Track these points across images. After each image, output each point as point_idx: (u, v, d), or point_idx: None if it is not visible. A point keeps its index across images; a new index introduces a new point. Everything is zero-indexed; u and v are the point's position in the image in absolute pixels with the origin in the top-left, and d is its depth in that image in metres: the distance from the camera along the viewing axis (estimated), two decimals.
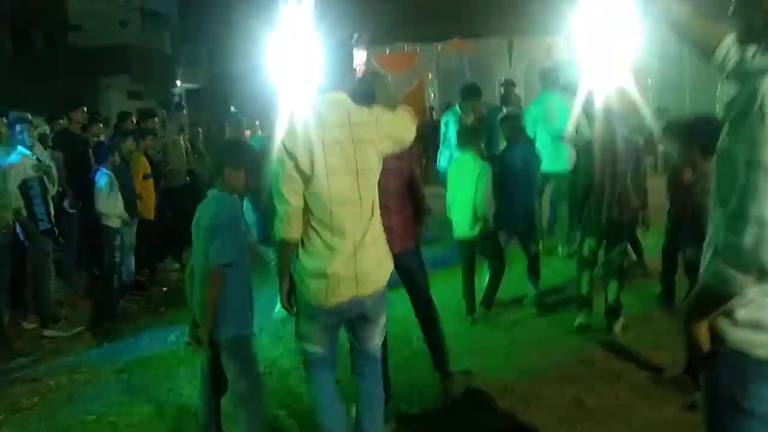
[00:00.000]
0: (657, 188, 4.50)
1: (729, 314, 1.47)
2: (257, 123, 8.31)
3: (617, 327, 4.24)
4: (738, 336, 1.46)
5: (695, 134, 3.06)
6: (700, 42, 1.61)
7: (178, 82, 19.17)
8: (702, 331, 1.50)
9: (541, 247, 5.22)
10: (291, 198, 2.41)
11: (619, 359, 3.87)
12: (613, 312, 4.26)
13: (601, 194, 4.04)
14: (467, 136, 4.62)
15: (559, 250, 6.00)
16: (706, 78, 11.39)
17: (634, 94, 4.27)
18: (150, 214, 6.10)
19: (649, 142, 9.88)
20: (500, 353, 4.04)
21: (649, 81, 11.36)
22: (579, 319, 4.33)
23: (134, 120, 7.02)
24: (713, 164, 1.53)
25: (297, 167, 2.37)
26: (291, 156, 2.37)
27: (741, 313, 1.45)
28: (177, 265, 6.64)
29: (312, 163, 2.35)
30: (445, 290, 5.14)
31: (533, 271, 4.79)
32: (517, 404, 3.34)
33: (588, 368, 3.74)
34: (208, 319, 2.61)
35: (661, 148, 11.21)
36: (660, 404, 3.27)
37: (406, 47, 13.37)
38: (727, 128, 1.45)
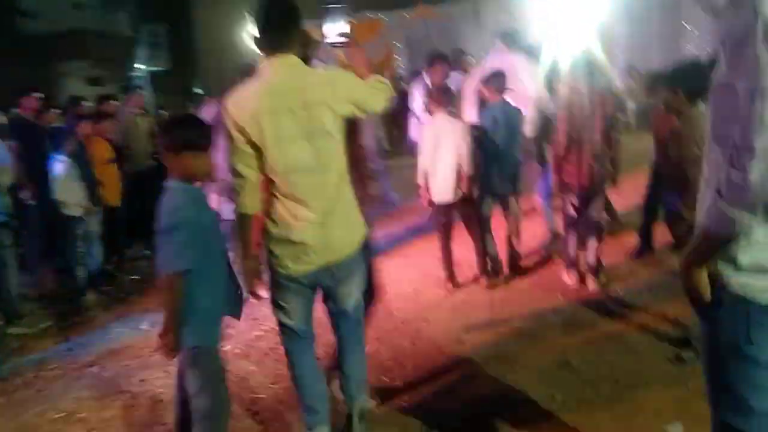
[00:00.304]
0: (628, 145, 4.46)
1: (731, 259, 1.37)
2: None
3: (599, 283, 4.22)
4: (741, 281, 1.37)
5: (681, 79, 2.97)
6: None
7: (141, 65, 18.55)
8: (702, 277, 1.40)
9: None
10: (244, 170, 2.31)
11: (602, 317, 3.83)
12: (593, 269, 4.23)
13: (574, 155, 4.01)
14: (440, 96, 4.46)
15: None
16: (672, 36, 11.39)
17: (601, 54, 4.25)
18: (115, 201, 5.87)
19: (619, 101, 9.93)
20: (482, 318, 3.97)
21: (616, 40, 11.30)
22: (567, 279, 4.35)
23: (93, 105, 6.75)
24: (710, 102, 1.42)
25: (246, 138, 2.26)
26: (238, 127, 2.25)
27: (745, 257, 1.35)
28: (147, 252, 6.43)
29: (261, 132, 2.24)
30: (425, 258, 5.10)
31: (516, 235, 4.70)
32: (502, 369, 3.27)
33: (573, 329, 3.69)
34: (170, 327, 2.25)
35: (631, 105, 11.28)
36: (646, 359, 3.24)
37: (370, 15, 13.08)
38: (724, 61, 1.33)
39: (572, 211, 4.26)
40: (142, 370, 3.74)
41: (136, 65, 18.30)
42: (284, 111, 2.25)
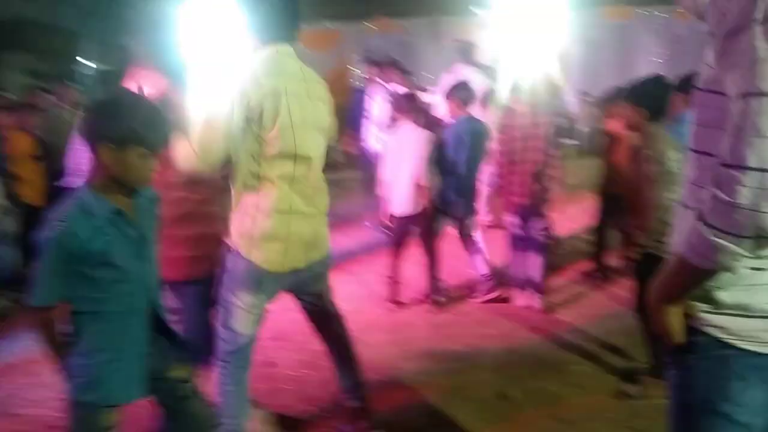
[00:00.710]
0: (579, 169, 4.38)
1: (710, 296, 1.16)
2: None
3: (543, 302, 4.13)
4: (721, 323, 1.15)
5: (642, 96, 2.82)
6: None
7: (88, 61, 17.81)
8: (674, 317, 1.19)
9: None
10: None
11: (547, 344, 3.65)
12: (538, 288, 4.14)
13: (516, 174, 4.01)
14: (405, 104, 4.20)
15: None
16: (625, 63, 11.59)
17: (558, 77, 4.22)
18: (37, 200, 5.41)
19: (571, 125, 10.01)
20: (422, 342, 3.73)
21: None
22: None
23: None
24: (692, 109, 1.21)
25: (258, 119, 2.10)
26: (249, 104, 2.08)
27: (727, 295, 1.14)
28: None
29: (277, 112, 2.12)
30: (369, 275, 4.85)
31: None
32: (439, 398, 3.04)
33: (516, 356, 3.50)
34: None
35: (583, 129, 11.42)
36: (590, 393, 3.06)
37: (328, 26, 12.89)
38: (712, 58, 1.12)
39: (516, 230, 4.16)
40: (36, 389, 3.33)
41: (81, 60, 17.56)
42: (302, 96, 2.21)
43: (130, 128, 1.71)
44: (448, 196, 4.20)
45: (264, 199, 2.19)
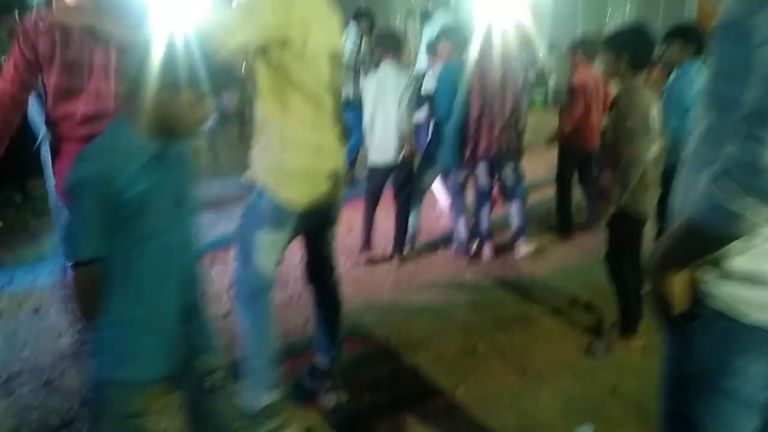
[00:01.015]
0: (546, 123, 4.27)
1: (718, 263, 1.03)
2: None
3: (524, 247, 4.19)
4: (728, 292, 1.04)
5: (624, 45, 2.64)
6: None
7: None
8: (679, 285, 1.06)
9: None
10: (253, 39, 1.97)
11: (514, 298, 3.59)
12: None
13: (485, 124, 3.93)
14: (386, 41, 3.87)
15: None
16: (598, 12, 11.41)
17: (529, 28, 4.04)
18: None
19: (541, 77, 9.85)
20: (386, 295, 3.64)
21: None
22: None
23: None
24: (711, 51, 1.05)
25: (285, 47, 1.98)
26: (278, 35, 1.96)
27: (736, 262, 1.02)
28: (19, 196, 5.62)
29: (305, 44, 2.00)
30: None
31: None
32: (403, 352, 2.96)
33: (483, 310, 3.43)
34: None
35: (551, 82, 11.28)
36: (556, 348, 3.02)
37: None
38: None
39: (483, 181, 4.08)
40: None
41: None
42: (325, 26, 2.12)
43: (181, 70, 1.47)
44: (437, 147, 4.01)
45: (290, 131, 2.07)
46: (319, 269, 2.47)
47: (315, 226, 2.32)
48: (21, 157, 4.85)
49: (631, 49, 2.61)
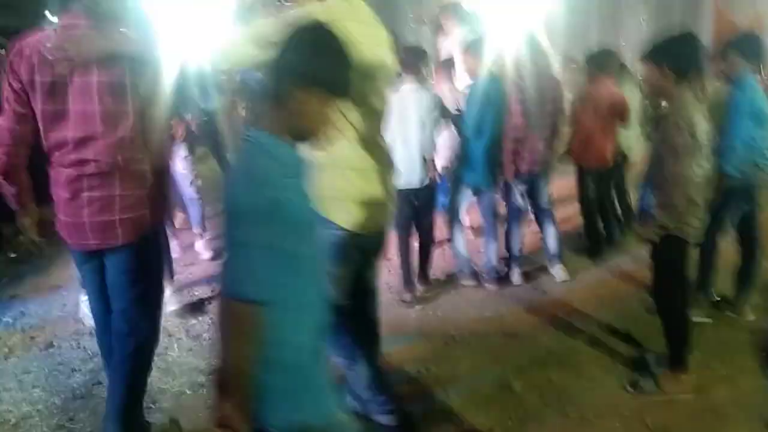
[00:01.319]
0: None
1: None
2: None
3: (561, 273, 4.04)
4: None
5: (667, 55, 2.45)
6: None
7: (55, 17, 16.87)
8: None
9: None
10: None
11: (548, 328, 3.38)
12: (557, 257, 4.06)
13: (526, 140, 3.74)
14: (411, 59, 3.61)
15: None
16: (612, 27, 11.23)
17: (545, 42, 3.89)
18: None
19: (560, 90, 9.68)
20: (413, 324, 3.46)
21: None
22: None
23: None
24: None
25: None
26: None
27: None
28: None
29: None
30: None
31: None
32: (433, 388, 2.77)
33: (516, 342, 3.22)
34: (237, 391, 1.31)
35: (569, 95, 11.10)
36: (598, 386, 2.79)
37: None
38: None
39: (520, 201, 3.90)
40: None
41: (49, 16, 16.63)
42: (373, 45, 2.00)
43: (319, 67, 1.39)
44: (469, 164, 3.79)
45: (339, 153, 1.93)
46: (361, 298, 2.27)
47: (363, 256, 2.16)
48: (33, 186, 4.80)
49: (674, 60, 2.43)
